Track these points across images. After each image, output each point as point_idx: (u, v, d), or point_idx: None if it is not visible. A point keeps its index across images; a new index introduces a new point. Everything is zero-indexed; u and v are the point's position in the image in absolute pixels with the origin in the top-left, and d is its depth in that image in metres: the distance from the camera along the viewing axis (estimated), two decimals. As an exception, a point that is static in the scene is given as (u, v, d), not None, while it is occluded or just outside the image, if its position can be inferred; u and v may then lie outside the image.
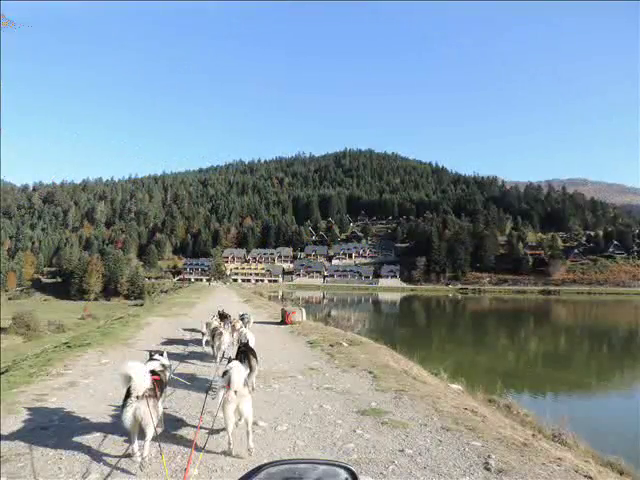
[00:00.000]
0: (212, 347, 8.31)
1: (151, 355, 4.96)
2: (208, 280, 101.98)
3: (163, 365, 4.66)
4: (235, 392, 3.78)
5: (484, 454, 3.99)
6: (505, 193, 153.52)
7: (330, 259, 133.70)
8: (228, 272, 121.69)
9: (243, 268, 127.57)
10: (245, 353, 5.58)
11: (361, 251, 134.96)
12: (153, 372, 4.04)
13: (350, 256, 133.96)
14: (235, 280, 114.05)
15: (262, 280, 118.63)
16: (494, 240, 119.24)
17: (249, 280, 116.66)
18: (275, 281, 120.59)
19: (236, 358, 5.15)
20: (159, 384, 4.02)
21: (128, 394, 3.57)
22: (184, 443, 4.11)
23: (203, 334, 9.64)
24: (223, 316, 10.93)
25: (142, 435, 3.64)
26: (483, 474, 3.57)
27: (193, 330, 12.30)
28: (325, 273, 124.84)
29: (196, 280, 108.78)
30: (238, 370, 3.92)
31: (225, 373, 3.99)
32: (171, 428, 4.47)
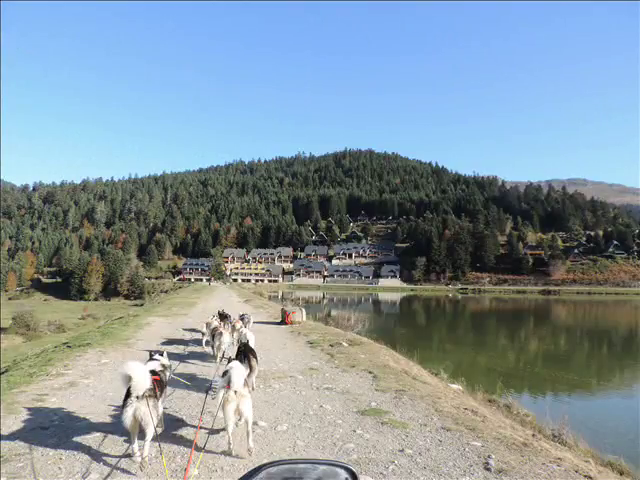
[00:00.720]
0: (212, 347, 8.30)
1: (151, 355, 4.96)
2: (208, 280, 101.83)
3: (163, 365, 4.66)
4: (235, 392, 3.78)
5: (484, 454, 3.99)
6: (505, 193, 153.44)
7: (330, 259, 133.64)
8: (228, 272, 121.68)
9: (243, 268, 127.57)
10: (245, 353, 5.57)
11: (361, 251, 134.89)
12: (153, 372, 4.03)
13: (350, 256, 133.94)
14: (235, 280, 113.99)
15: (262, 280, 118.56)
16: (494, 240, 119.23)
17: (249, 280, 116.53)
18: (275, 281, 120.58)
19: (236, 358, 5.14)
20: (159, 384, 4.02)
21: (128, 394, 3.57)
22: (184, 443, 4.11)
23: (203, 334, 9.65)
24: (223, 316, 10.96)
25: (142, 435, 3.64)
26: (483, 474, 3.57)
27: (193, 330, 12.29)
28: (325, 273, 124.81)
29: (196, 280, 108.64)
30: (238, 370, 3.92)
31: (225, 373, 4.00)
32: (171, 428, 4.47)
